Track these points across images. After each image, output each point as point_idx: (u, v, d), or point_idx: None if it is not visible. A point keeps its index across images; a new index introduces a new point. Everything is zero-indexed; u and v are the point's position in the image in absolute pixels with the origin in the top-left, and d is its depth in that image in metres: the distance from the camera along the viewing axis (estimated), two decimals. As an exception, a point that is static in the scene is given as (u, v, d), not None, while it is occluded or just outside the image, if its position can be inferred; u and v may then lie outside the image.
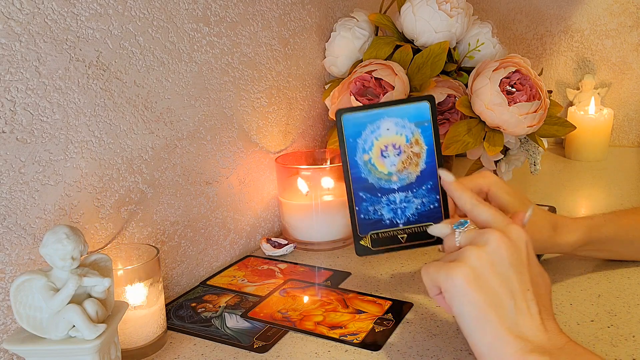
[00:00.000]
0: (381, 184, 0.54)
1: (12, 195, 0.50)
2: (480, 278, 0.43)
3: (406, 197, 0.54)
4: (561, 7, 1.37)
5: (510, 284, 0.43)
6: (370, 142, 0.53)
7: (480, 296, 0.42)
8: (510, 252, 0.44)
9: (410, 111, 0.53)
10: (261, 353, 0.56)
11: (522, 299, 0.43)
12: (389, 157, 0.53)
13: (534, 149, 0.90)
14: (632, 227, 0.66)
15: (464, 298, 0.43)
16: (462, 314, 0.43)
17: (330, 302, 0.65)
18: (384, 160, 0.53)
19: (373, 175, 0.53)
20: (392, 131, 0.53)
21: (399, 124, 0.53)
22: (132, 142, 0.61)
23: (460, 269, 0.43)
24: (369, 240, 0.55)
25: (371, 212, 0.54)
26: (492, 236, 0.45)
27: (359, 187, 0.53)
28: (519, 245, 0.45)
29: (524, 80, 0.79)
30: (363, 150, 0.53)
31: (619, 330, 0.57)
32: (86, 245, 0.45)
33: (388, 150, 0.53)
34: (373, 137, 0.53)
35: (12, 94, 0.49)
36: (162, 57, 0.64)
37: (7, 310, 0.50)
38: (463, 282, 0.43)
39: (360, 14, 0.93)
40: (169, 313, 0.64)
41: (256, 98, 0.80)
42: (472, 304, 0.42)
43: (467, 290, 0.43)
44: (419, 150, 0.53)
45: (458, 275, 0.43)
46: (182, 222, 0.69)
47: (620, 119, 1.38)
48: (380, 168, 0.53)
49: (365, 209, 0.54)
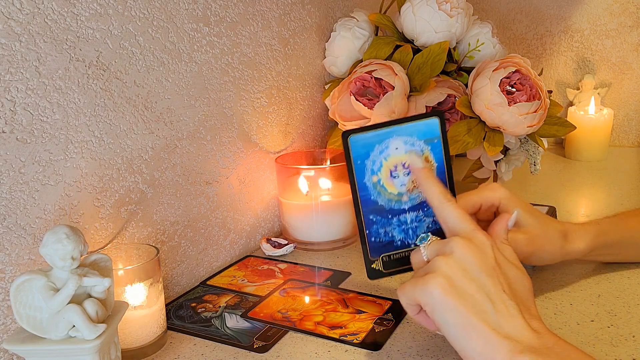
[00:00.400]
0: (391, 205, 0.52)
1: (12, 195, 0.50)
2: (456, 285, 0.43)
3: (417, 216, 0.52)
4: (561, 7, 1.38)
5: (485, 288, 0.44)
6: (379, 162, 0.51)
7: (460, 302, 0.42)
8: (477, 256, 0.45)
9: (420, 128, 0.51)
10: (261, 353, 0.56)
11: (499, 301, 0.43)
12: (398, 177, 0.51)
13: (534, 149, 0.90)
14: (637, 230, 0.66)
15: (444, 307, 0.43)
16: (446, 324, 0.43)
17: (330, 302, 0.65)
18: (393, 180, 0.51)
19: (383, 197, 0.52)
20: (401, 150, 0.51)
21: (408, 142, 0.51)
22: (132, 142, 0.61)
23: (434, 280, 0.43)
24: (381, 263, 0.53)
25: (382, 234, 0.52)
26: (457, 244, 0.45)
27: (368, 210, 0.51)
28: (485, 250, 0.46)
29: (524, 80, 0.79)
30: (372, 171, 0.51)
31: (619, 330, 0.57)
32: (86, 245, 0.45)
33: (397, 170, 0.51)
34: (382, 157, 0.51)
35: (12, 94, 0.49)
36: (162, 57, 0.64)
37: (7, 310, 0.50)
38: (440, 292, 0.43)
39: (360, 14, 0.93)
40: (169, 313, 0.64)
41: (256, 98, 0.80)
42: (453, 311, 0.42)
43: (445, 299, 0.42)
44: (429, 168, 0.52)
45: (434, 286, 0.43)
46: (182, 222, 0.69)
47: (620, 119, 1.38)
48: (390, 189, 0.51)
49: (376, 232, 0.52)
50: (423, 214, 0.53)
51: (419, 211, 0.53)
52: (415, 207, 0.52)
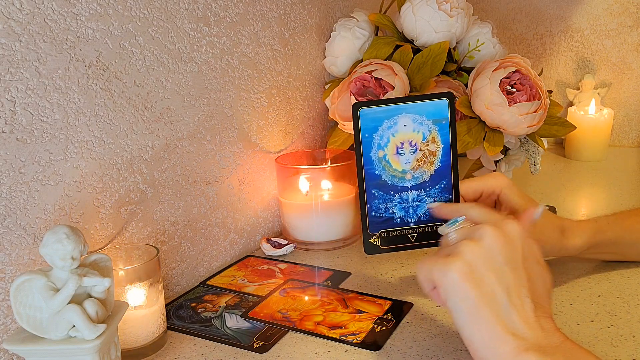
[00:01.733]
0: (395, 181, 0.53)
1: (12, 195, 0.50)
2: (475, 273, 0.43)
3: (419, 195, 0.53)
4: (561, 7, 1.37)
5: (505, 280, 0.43)
6: (387, 138, 0.52)
7: (475, 291, 0.42)
8: (505, 247, 0.44)
9: (429, 108, 0.52)
10: (261, 353, 0.56)
11: (516, 295, 0.43)
12: (404, 154, 0.52)
13: (534, 149, 0.90)
14: (634, 228, 0.66)
15: (459, 293, 0.42)
16: (457, 309, 0.43)
17: (330, 302, 0.65)
18: (399, 157, 0.52)
19: (387, 172, 0.52)
20: (409, 128, 0.52)
21: (417, 120, 0.52)
22: (132, 142, 0.61)
23: (455, 264, 0.43)
24: (379, 238, 0.54)
25: (382, 209, 0.53)
26: (487, 231, 0.44)
27: (371, 184, 0.52)
28: (514, 240, 0.45)
29: (524, 80, 0.79)
30: (378, 146, 0.52)
31: (619, 330, 0.57)
32: (86, 245, 0.45)
33: (404, 147, 0.52)
34: (390, 133, 0.52)
35: (12, 94, 0.49)
36: (162, 57, 0.64)
37: (7, 310, 0.50)
38: (458, 277, 0.42)
39: (360, 14, 0.93)
40: (169, 313, 0.64)
41: (256, 98, 0.80)
42: (466, 299, 0.42)
43: (462, 285, 0.42)
44: (435, 149, 0.52)
45: (453, 270, 0.43)
46: (182, 222, 0.69)
47: (620, 119, 1.38)
48: (395, 165, 0.52)
49: (376, 207, 0.53)
50: (425, 194, 0.53)
51: (421, 190, 0.53)
52: (418, 186, 0.53)
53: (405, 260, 0.76)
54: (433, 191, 0.53)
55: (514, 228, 0.46)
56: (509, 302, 0.42)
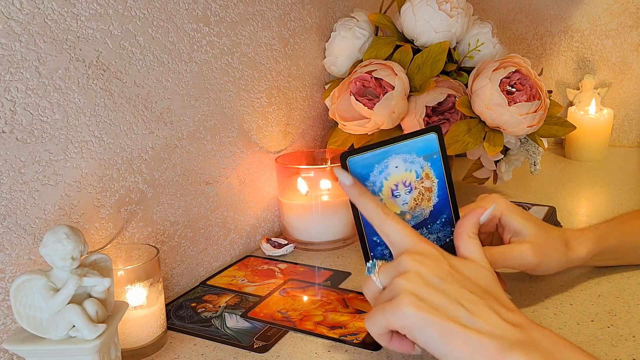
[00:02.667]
0: None
1: (12, 195, 0.50)
2: (424, 299, 0.42)
3: (421, 233, 0.51)
4: (561, 7, 1.38)
5: (450, 294, 0.43)
6: (380, 182, 0.50)
7: (436, 314, 0.42)
8: (431, 267, 0.44)
9: (418, 145, 0.50)
10: (261, 353, 0.56)
11: (467, 303, 0.43)
12: (400, 196, 0.50)
13: (534, 149, 0.90)
14: (635, 232, 0.65)
15: (422, 324, 0.42)
16: (429, 340, 0.42)
17: (330, 302, 0.65)
18: (395, 200, 0.50)
19: None
20: (401, 169, 0.50)
21: (408, 159, 0.50)
22: (132, 142, 0.61)
23: (403, 301, 0.42)
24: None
25: (387, 255, 0.51)
26: (407, 261, 0.44)
27: (372, 232, 0.50)
28: (435, 258, 0.45)
29: (524, 80, 0.79)
30: (373, 192, 0.49)
31: (619, 330, 0.57)
32: (86, 245, 0.45)
33: (399, 189, 0.50)
34: (382, 177, 0.50)
35: (12, 94, 0.49)
36: (162, 57, 0.64)
37: (7, 310, 0.50)
38: (414, 310, 0.42)
39: (360, 14, 0.93)
40: (169, 313, 0.64)
41: (256, 98, 0.80)
42: (432, 325, 0.41)
43: (420, 315, 0.42)
44: (430, 185, 0.51)
45: (405, 306, 0.42)
46: (182, 222, 0.69)
47: (620, 119, 1.38)
48: (392, 208, 0.50)
49: (380, 253, 0.51)
50: (427, 231, 0.52)
51: (422, 229, 0.52)
52: (419, 224, 0.52)
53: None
54: (434, 227, 0.52)
55: (427, 248, 0.46)
56: (468, 312, 0.42)
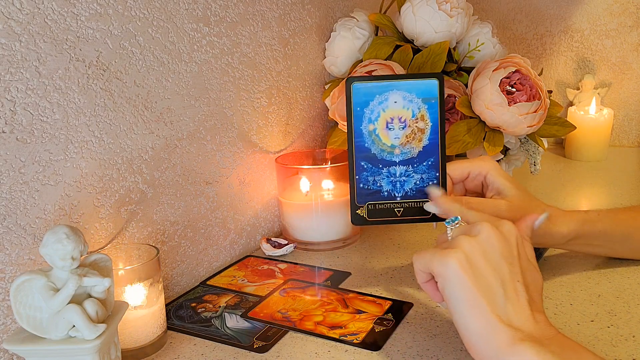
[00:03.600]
0: (383, 155, 0.55)
1: (12, 195, 0.50)
2: (473, 264, 0.44)
3: (406, 171, 0.55)
4: (561, 7, 1.38)
5: (501, 273, 0.45)
6: (377, 112, 0.54)
7: (473, 281, 0.43)
8: (501, 243, 0.46)
9: (419, 86, 0.54)
10: (261, 353, 0.56)
11: (512, 288, 0.44)
12: (393, 129, 0.54)
13: (534, 149, 0.90)
14: (628, 224, 0.65)
15: (457, 282, 0.44)
16: (455, 299, 0.44)
17: (330, 302, 0.65)
18: (388, 132, 0.54)
19: (376, 146, 0.54)
20: (399, 104, 0.54)
21: (407, 98, 0.54)
22: (132, 142, 0.61)
23: (454, 254, 0.44)
24: (366, 210, 0.56)
25: (370, 182, 0.55)
26: (484, 227, 0.46)
27: (361, 156, 0.54)
28: (510, 238, 0.47)
29: (524, 80, 0.79)
30: (369, 120, 0.54)
31: (619, 330, 0.57)
32: (86, 245, 0.45)
33: (394, 122, 0.54)
34: (380, 108, 0.54)
35: (12, 94, 0.49)
36: (162, 57, 0.64)
37: (7, 310, 0.50)
38: (457, 267, 0.44)
39: (360, 14, 0.93)
40: (169, 313, 0.64)
41: (256, 98, 0.80)
42: (464, 289, 0.43)
43: (460, 274, 0.43)
44: (424, 126, 0.54)
45: (452, 260, 0.44)
46: (182, 222, 0.69)
47: (620, 119, 1.38)
48: (384, 139, 0.54)
49: (365, 179, 0.55)
50: (412, 170, 0.55)
51: (408, 166, 0.55)
52: (406, 161, 0.55)
53: (405, 261, 0.76)
54: (420, 167, 0.55)
55: (510, 227, 0.48)
56: (505, 294, 0.44)
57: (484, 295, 0.43)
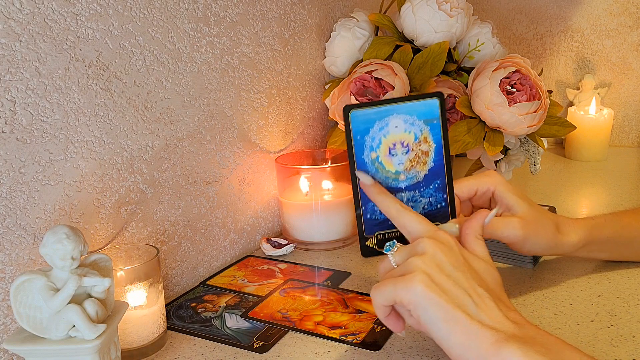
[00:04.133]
0: (388, 182, 0.52)
1: (12, 195, 0.50)
2: (436, 282, 0.44)
3: (413, 196, 0.53)
4: (561, 7, 1.38)
5: (460, 282, 0.44)
6: (379, 139, 0.51)
7: (444, 298, 0.43)
8: (447, 253, 0.46)
9: (420, 108, 0.52)
10: (261, 353, 0.56)
11: (475, 294, 0.44)
12: (396, 155, 0.52)
13: (534, 149, 0.90)
14: (632, 227, 0.66)
15: (429, 304, 0.43)
16: (431, 320, 0.43)
17: (330, 302, 0.65)
18: (391, 158, 0.52)
19: (380, 174, 0.52)
20: (400, 129, 0.52)
21: (408, 121, 0.52)
22: (132, 142, 0.61)
23: (417, 278, 0.44)
24: (375, 240, 0.54)
25: (378, 211, 0.53)
26: (427, 243, 0.46)
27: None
28: (452, 247, 0.47)
29: (524, 80, 0.79)
30: (371, 148, 0.51)
31: (619, 330, 0.57)
32: (86, 245, 0.45)
33: (396, 148, 0.52)
34: (381, 134, 0.51)
35: (12, 94, 0.49)
36: (162, 57, 0.64)
37: (7, 310, 0.50)
38: (424, 289, 0.43)
39: (360, 14, 0.93)
40: (169, 313, 0.64)
41: (256, 98, 0.80)
42: (438, 308, 0.43)
43: (430, 295, 0.43)
44: (427, 149, 0.52)
45: (417, 284, 0.43)
46: (182, 222, 0.69)
47: (620, 119, 1.38)
48: (388, 167, 0.52)
49: (371, 209, 0.53)
50: (419, 194, 0.53)
51: (415, 191, 0.53)
52: (412, 186, 0.53)
53: (405, 260, 0.76)
54: (427, 191, 0.53)
55: (445, 235, 0.47)
56: (473, 302, 0.43)
57: (458, 307, 0.43)
